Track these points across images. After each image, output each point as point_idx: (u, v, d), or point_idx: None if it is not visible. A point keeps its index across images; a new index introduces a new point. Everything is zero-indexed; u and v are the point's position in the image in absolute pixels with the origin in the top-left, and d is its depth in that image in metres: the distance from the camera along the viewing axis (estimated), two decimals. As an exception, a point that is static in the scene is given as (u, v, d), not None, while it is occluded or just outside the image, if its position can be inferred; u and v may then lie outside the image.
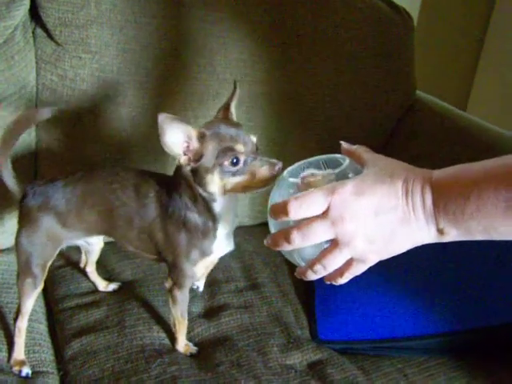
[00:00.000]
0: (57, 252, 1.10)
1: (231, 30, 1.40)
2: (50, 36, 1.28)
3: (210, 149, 0.93)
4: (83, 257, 1.28)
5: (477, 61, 2.58)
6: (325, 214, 0.72)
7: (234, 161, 0.92)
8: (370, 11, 1.58)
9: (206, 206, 0.99)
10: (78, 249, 1.27)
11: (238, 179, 0.93)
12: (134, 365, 1.08)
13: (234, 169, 0.92)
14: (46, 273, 1.09)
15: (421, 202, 0.69)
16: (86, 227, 1.10)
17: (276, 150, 1.50)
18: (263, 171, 0.92)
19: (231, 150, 0.92)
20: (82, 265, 1.30)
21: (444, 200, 0.68)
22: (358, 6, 1.56)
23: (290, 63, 1.49)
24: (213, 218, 1.01)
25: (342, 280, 0.78)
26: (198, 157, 0.93)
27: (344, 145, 0.82)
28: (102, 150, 1.36)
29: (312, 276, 0.79)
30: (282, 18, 1.46)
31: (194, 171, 0.95)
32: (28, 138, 1.32)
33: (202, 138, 0.93)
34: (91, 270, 1.29)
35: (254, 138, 0.97)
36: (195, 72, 1.38)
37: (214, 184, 0.95)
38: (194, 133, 0.93)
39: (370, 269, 0.75)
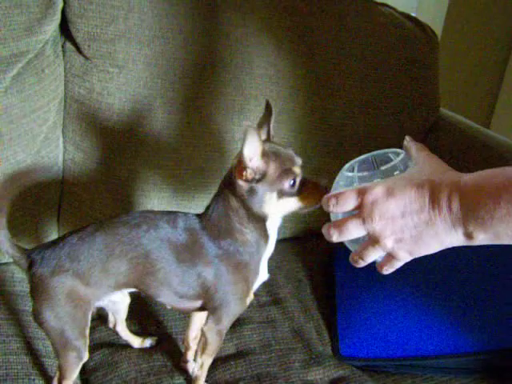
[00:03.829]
0: (89, 317, 0.97)
1: (257, 46, 1.41)
2: (78, 50, 1.30)
3: (273, 168, 0.92)
4: (110, 317, 1.17)
5: (501, 78, 2.57)
6: (359, 213, 0.78)
7: (292, 183, 0.92)
8: (395, 28, 1.60)
9: (258, 225, 0.97)
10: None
11: (292, 200, 0.94)
12: (156, 378, 1.08)
13: (291, 190, 0.93)
14: (87, 340, 0.97)
15: (447, 207, 0.72)
16: (115, 281, 0.97)
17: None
18: (316, 194, 0.92)
19: (291, 171, 0.93)
20: (111, 325, 1.18)
21: (473, 204, 0.70)
22: (383, 23, 1.58)
23: (315, 79, 1.49)
24: (265, 236, 0.99)
25: (383, 272, 0.83)
26: (260, 175, 0.91)
27: (405, 141, 0.89)
28: (128, 162, 1.38)
29: (355, 264, 0.85)
30: (307, 35, 1.47)
31: (250, 190, 0.93)
32: (56, 150, 1.34)
33: (265, 156, 0.91)
34: (122, 328, 1.18)
35: (300, 160, 0.97)
36: (221, 87, 1.39)
37: (272, 204, 0.93)
38: (259, 150, 0.90)
39: (394, 286, 0.77)
